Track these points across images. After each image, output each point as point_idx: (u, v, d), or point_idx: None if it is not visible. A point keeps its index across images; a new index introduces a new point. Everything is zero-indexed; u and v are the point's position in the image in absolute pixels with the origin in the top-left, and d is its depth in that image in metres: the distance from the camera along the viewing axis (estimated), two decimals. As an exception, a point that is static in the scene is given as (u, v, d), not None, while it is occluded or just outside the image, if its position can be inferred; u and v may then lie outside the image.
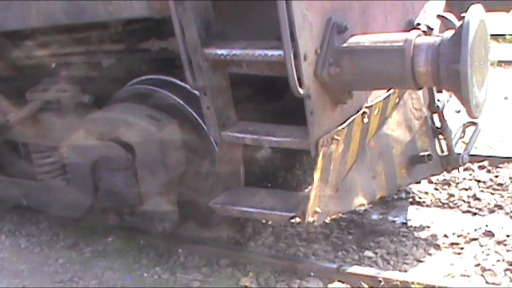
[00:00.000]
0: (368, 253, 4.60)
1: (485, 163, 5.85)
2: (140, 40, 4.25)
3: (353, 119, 3.69)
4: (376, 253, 4.58)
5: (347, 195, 4.01)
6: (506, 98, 7.70)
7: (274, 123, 3.72)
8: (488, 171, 5.77)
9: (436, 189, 5.54)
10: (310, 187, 3.59)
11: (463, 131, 4.94)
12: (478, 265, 4.34)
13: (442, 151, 4.71)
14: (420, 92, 4.46)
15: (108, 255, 4.91)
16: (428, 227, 4.93)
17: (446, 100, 4.57)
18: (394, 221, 5.10)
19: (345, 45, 3.37)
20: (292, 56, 3.17)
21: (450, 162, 4.70)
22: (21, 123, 4.65)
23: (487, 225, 4.83)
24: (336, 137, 3.53)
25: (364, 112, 3.80)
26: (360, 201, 4.13)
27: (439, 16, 4.34)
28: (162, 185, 4.13)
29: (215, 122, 3.68)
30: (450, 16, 4.30)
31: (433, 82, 3.28)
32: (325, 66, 3.35)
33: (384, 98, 3.99)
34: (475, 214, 5.09)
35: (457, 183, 5.57)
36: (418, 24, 4.17)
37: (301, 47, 3.22)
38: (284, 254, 4.69)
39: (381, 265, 4.45)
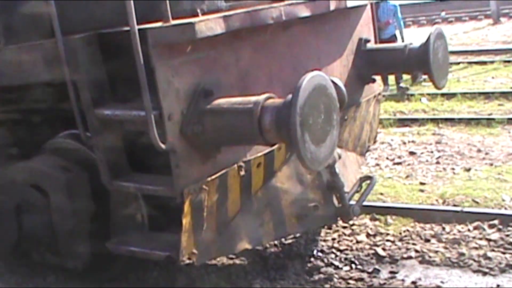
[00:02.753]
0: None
1: (496, 221, 5.94)
2: (61, 99, 4.83)
3: (226, 172, 4.21)
4: (385, 313, 4.68)
5: (231, 240, 4.48)
6: None
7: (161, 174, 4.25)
8: (499, 230, 5.83)
9: (446, 247, 5.63)
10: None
11: (360, 185, 5.40)
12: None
13: (339, 203, 5.17)
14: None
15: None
16: (438, 287, 5.02)
17: (337, 156, 5.03)
18: (403, 280, 5.21)
19: (208, 106, 3.91)
20: (152, 117, 3.72)
21: (343, 213, 5.16)
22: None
23: (498, 285, 4.92)
24: (204, 187, 4.04)
25: (240, 166, 4.32)
26: (244, 246, 4.59)
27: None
28: (72, 227, 4.66)
29: (107, 172, 4.24)
30: (338, 81, 4.81)
31: (278, 140, 3.80)
32: (189, 125, 3.88)
33: (266, 154, 4.51)
34: (485, 273, 5.15)
35: (467, 242, 5.67)
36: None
37: (165, 109, 3.77)
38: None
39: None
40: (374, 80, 5.82)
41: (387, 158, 8.36)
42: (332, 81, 4.65)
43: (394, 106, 11.48)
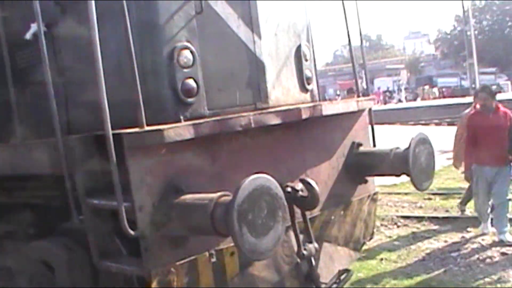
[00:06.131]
0: None
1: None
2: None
3: (196, 258, 4.80)
4: None
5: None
6: None
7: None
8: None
9: None
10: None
11: (338, 277, 5.83)
12: None
13: (315, 294, 5.62)
14: (292, 240, 5.48)
15: None
16: None
17: (314, 249, 5.52)
18: None
19: (175, 201, 4.56)
20: (123, 208, 4.40)
21: (320, 303, 5.61)
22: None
23: None
24: (172, 270, 4.64)
25: (211, 253, 4.91)
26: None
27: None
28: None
29: (96, 253, 4.92)
30: (312, 183, 5.36)
31: (227, 232, 4.36)
32: (158, 216, 4.54)
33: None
34: None
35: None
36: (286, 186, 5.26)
37: (136, 201, 4.44)
38: None
39: None
40: (366, 181, 6.31)
41: (477, 259, 8.47)
42: (306, 182, 5.28)
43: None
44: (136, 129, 4.45)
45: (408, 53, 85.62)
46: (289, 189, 5.21)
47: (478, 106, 9.35)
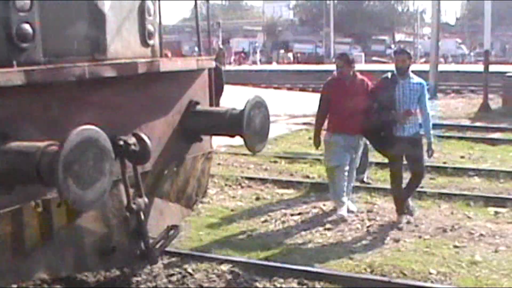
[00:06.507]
0: None
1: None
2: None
3: (21, 207, 4.74)
4: None
5: (29, 268, 4.96)
6: None
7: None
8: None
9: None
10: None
11: (167, 233, 5.95)
12: None
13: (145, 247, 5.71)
14: (122, 193, 5.52)
15: None
16: None
17: (143, 204, 5.59)
18: None
19: (1, 147, 4.44)
20: None
21: (148, 257, 5.69)
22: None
23: None
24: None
25: (37, 203, 4.86)
26: (42, 275, 5.08)
27: None
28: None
29: None
30: (144, 138, 5.40)
31: (51, 182, 4.32)
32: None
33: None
34: None
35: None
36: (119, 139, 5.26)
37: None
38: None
39: None
40: (201, 139, 6.44)
41: (318, 223, 8.60)
42: (139, 137, 5.32)
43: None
44: None
45: (267, 16, 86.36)
46: (121, 142, 5.23)
47: (335, 73, 8.97)
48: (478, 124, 18.35)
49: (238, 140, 6.35)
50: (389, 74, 8.47)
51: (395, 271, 6.78)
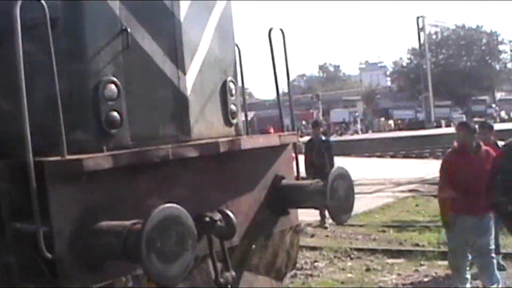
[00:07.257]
0: None
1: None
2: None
3: (113, 282, 5.00)
4: None
5: None
6: None
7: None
8: None
9: None
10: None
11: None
12: None
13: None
14: (211, 268, 5.71)
15: None
16: None
17: (231, 278, 5.76)
18: None
19: (93, 227, 4.77)
20: (41, 232, 4.58)
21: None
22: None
23: None
24: (93, 293, 4.85)
25: (127, 278, 5.12)
26: None
27: None
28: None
29: (17, 273, 5.08)
30: (230, 214, 5.61)
31: (137, 258, 4.56)
32: (76, 241, 4.75)
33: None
34: None
35: None
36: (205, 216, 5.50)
37: (55, 227, 4.64)
38: None
39: None
40: (288, 213, 6.59)
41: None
42: (225, 213, 5.55)
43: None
44: (57, 158, 4.67)
45: (364, 85, 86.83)
46: (207, 219, 5.47)
47: (455, 144, 8.02)
48: None
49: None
50: None
51: None
